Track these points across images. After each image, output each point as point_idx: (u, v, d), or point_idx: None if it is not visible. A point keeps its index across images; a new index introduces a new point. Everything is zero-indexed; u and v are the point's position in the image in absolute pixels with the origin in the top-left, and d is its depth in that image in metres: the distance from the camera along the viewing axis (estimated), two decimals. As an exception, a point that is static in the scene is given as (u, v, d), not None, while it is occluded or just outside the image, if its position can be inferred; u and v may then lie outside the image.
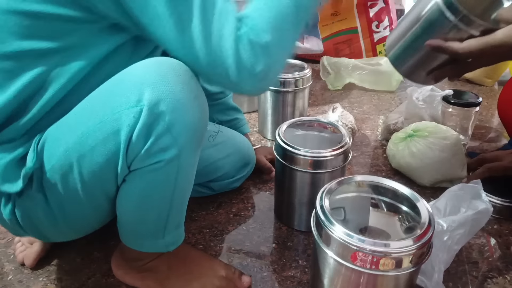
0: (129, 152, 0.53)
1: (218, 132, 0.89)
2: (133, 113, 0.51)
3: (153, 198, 0.58)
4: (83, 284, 0.71)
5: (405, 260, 0.51)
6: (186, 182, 0.60)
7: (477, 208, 0.72)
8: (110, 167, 0.54)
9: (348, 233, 0.51)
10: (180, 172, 0.56)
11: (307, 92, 1.13)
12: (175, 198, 0.59)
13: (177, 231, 0.64)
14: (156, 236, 0.62)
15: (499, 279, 0.72)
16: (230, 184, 0.91)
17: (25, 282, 0.71)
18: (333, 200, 0.58)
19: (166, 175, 0.56)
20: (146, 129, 0.51)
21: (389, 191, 0.60)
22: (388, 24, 1.62)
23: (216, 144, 0.87)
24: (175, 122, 0.52)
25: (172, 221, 0.61)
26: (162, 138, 0.52)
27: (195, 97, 0.54)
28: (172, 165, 0.55)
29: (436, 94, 1.08)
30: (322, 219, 0.54)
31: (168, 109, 0.51)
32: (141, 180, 0.56)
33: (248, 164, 0.93)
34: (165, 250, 0.63)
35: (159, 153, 0.53)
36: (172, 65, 0.53)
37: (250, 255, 0.77)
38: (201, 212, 0.88)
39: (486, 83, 1.52)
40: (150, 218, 0.60)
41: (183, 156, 0.55)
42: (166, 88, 0.51)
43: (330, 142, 0.78)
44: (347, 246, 0.51)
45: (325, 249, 0.54)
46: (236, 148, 0.90)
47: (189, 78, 0.54)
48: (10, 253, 0.77)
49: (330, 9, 1.60)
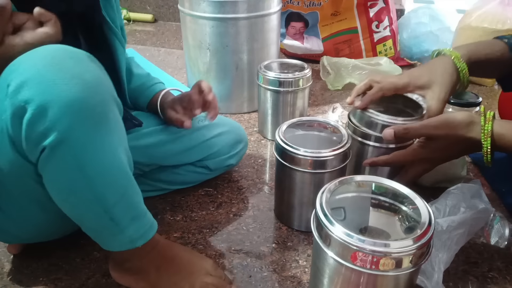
0: (17, 147, 0.52)
1: (206, 116, 0.91)
2: (4, 107, 0.50)
3: (70, 190, 0.55)
4: (83, 284, 0.71)
5: (405, 260, 0.50)
6: (101, 168, 0.54)
7: (477, 207, 0.72)
8: (16, 165, 0.55)
9: (348, 233, 0.51)
10: (79, 157, 0.52)
11: (307, 92, 1.13)
12: (97, 188, 0.55)
13: (138, 223, 0.60)
14: (113, 232, 0.59)
15: (499, 279, 0.72)
16: (225, 161, 0.93)
17: (25, 282, 0.71)
18: (333, 200, 0.58)
19: (61, 161, 0.52)
20: (16, 120, 0.50)
21: (389, 191, 0.60)
22: (388, 24, 1.62)
23: (207, 124, 0.92)
24: (46, 105, 0.48)
25: (120, 215, 0.58)
26: (35, 125, 0.49)
27: (72, 76, 0.50)
28: (61, 150, 0.51)
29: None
30: (322, 219, 0.54)
31: (34, 93, 0.48)
32: (46, 172, 0.54)
33: (241, 142, 0.96)
34: (133, 245, 0.61)
35: (38, 141, 0.50)
36: (48, 50, 0.52)
37: (250, 255, 0.77)
38: (201, 212, 0.88)
39: (486, 83, 1.52)
40: (86, 213, 0.58)
41: (72, 138, 0.51)
42: (31, 72, 0.49)
43: (330, 142, 0.78)
44: (347, 246, 0.51)
45: (325, 249, 0.54)
46: (227, 128, 0.95)
47: (66, 60, 0.51)
48: (10, 253, 0.77)
49: (330, 9, 1.60)
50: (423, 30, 1.67)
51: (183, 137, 0.88)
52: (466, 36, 1.48)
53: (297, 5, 1.64)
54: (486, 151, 0.65)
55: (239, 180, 0.99)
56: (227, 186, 0.97)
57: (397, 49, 1.66)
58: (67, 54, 0.52)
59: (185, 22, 1.26)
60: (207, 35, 1.21)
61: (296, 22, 1.68)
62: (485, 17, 1.42)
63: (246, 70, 1.26)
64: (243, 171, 1.02)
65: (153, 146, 0.85)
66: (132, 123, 0.85)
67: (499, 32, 1.39)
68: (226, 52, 1.23)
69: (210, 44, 1.22)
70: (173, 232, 0.83)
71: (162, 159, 0.87)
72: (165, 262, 0.66)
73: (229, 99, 1.31)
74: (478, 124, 0.65)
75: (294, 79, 1.07)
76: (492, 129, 0.64)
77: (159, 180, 0.91)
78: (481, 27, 1.42)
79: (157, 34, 2.21)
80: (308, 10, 1.63)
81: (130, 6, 2.44)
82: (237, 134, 0.96)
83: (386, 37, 1.63)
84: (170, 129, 0.88)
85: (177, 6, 1.29)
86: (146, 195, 0.92)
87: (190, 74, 1.36)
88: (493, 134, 0.64)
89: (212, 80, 1.29)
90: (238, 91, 1.30)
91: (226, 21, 1.18)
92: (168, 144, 0.86)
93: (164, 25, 2.37)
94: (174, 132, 0.88)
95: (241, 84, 1.29)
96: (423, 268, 0.64)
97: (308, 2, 1.61)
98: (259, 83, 1.11)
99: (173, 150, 0.87)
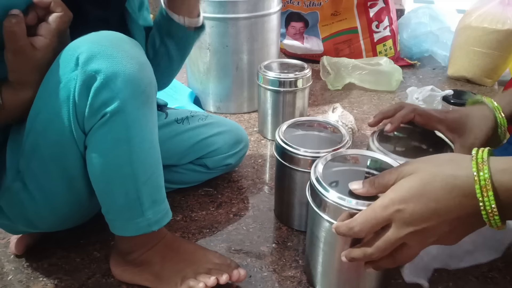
0: (78, 114, 0.57)
1: (208, 116, 0.95)
2: (73, 76, 0.55)
3: (113, 160, 0.59)
4: (83, 284, 0.71)
5: None
6: (143, 144, 0.60)
7: None
8: (67, 135, 0.58)
9: (341, 197, 0.55)
10: (130, 128, 0.58)
11: (307, 92, 1.13)
12: (135, 163, 0.59)
13: (157, 208, 0.64)
14: (134, 214, 0.62)
15: (499, 279, 0.72)
16: (223, 160, 0.93)
17: (25, 282, 0.71)
18: (326, 172, 0.62)
19: (115, 130, 0.57)
20: (85, 87, 0.55)
21: (383, 163, 0.64)
22: (388, 24, 1.62)
23: (207, 123, 0.93)
24: (112, 77, 0.55)
25: (145, 194, 0.61)
26: (101, 93, 0.55)
27: (132, 57, 0.57)
28: (118, 118, 0.57)
29: (436, 94, 1.08)
30: (317, 186, 0.59)
31: (102, 65, 0.55)
32: (96, 140, 0.58)
33: (241, 142, 0.96)
34: (149, 229, 0.63)
35: (101, 107, 0.56)
36: (107, 34, 0.58)
37: (250, 255, 0.77)
38: (201, 212, 0.88)
39: (486, 83, 1.52)
40: (118, 188, 0.61)
41: (128, 109, 0.57)
42: (99, 49, 0.55)
43: (330, 142, 0.78)
44: (341, 208, 0.55)
45: (321, 214, 0.59)
46: (227, 127, 0.95)
47: (124, 43, 0.58)
48: (10, 253, 0.77)
49: (330, 9, 1.60)
50: (423, 30, 1.67)
51: (182, 135, 0.89)
52: (466, 36, 1.48)
53: (297, 5, 1.64)
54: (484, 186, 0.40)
55: (239, 180, 0.99)
56: (227, 186, 0.97)
57: (397, 49, 1.66)
58: (124, 39, 0.59)
59: (185, 22, 1.26)
60: (207, 35, 1.21)
61: (296, 22, 1.68)
62: (485, 17, 1.42)
63: (246, 70, 1.26)
64: (243, 171, 1.02)
65: None
66: None
67: (499, 32, 1.39)
68: (226, 52, 1.23)
69: (210, 44, 1.22)
70: (173, 232, 0.82)
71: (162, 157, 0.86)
72: (170, 252, 0.68)
73: (229, 99, 1.31)
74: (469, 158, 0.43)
75: (294, 79, 1.07)
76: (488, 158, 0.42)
77: None
78: (481, 27, 1.43)
79: (157, 34, 2.21)
80: (308, 10, 1.63)
81: (130, 6, 2.43)
82: (237, 134, 0.96)
83: (386, 37, 1.63)
84: (170, 127, 0.88)
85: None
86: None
87: (190, 74, 1.36)
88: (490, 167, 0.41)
89: (212, 80, 1.29)
90: (238, 91, 1.30)
91: (226, 21, 1.18)
92: (168, 141, 0.87)
93: (164, 25, 2.37)
94: (174, 130, 0.88)
95: (241, 84, 1.29)
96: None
97: (308, 2, 1.61)
98: (259, 83, 1.11)
99: (173, 148, 0.87)
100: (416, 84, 1.54)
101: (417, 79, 1.59)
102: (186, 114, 0.92)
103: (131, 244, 0.66)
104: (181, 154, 0.89)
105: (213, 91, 1.31)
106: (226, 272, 0.65)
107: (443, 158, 0.45)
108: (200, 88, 1.34)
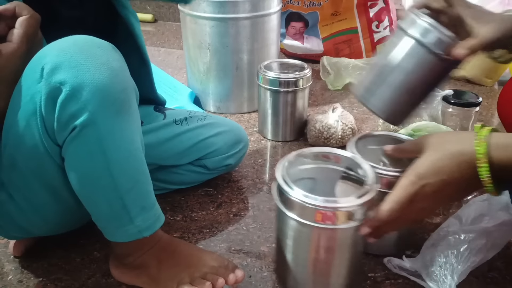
0: (47, 128, 0.55)
1: (207, 116, 0.95)
2: (39, 89, 0.53)
3: (90, 173, 0.57)
4: (83, 284, 0.71)
5: (354, 214, 0.58)
6: (120, 154, 0.58)
7: (500, 219, 0.70)
8: (41, 149, 0.57)
9: (305, 195, 0.58)
10: (103, 140, 0.56)
11: (307, 92, 1.13)
12: (115, 173, 0.57)
13: (146, 214, 0.62)
14: (123, 222, 0.61)
15: (499, 279, 0.72)
16: (223, 160, 0.92)
17: (25, 282, 0.71)
18: (291, 171, 0.63)
19: (87, 143, 0.55)
20: (51, 100, 0.53)
21: (344, 159, 0.67)
22: (388, 24, 1.62)
23: (206, 124, 0.92)
24: (79, 87, 0.52)
25: (131, 203, 0.60)
26: (68, 105, 0.53)
27: (102, 63, 0.54)
28: (89, 131, 0.54)
29: (436, 94, 1.08)
30: (283, 186, 0.60)
31: (67, 76, 0.52)
32: (70, 154, 0.56)
33: (241, 142, 0.95)
34: (140, 236, 0.62)
35: (70, 120, 0.54)
36: (74, 40, 0.55)
37: (250, 255, 0.77)
38: (201, 212, 0.88)
39: (486, 83, 1.52)
40: (101, 199, 0.59)
41: (99, 120, 0.54)
42: (65, 58, 0.53)
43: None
44: (305, 206, 0.58)
45: (286, 212, 0.61)
46: (226, 127, 0.94)
47: (94, 48, 0.55)
48: (10, 253, 0.77)
49: (330, 9, 1.60)
50: (423, 30, 1.67)
51: (181, 136, 0.88)
52: (466, 36, 1.47)
53: (297, 5, 1.64)
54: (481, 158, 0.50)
55: (239, 180, 0.99)
56: (227, 186, 0.97)
57: (397, 49, 1.66)
58: (94, 43, 0.56)
59: (185, 22, 1.26)
60: (207, 35, 1.21)
61: (296, 22, 1.68)
62: (485, 17, 1.42)
63: (246, 70, 1.26)
64: (243, 171, 1.02)
65: (152, 145, 0.85)
66: None
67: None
68: (226, 52, 1.23)
69: (210, 44, 1.22)
70: (173, 232, 0.83)
71: (161, 159, 0.87)
72: (166, 256, 0.67)
73: (229, 99, 1.31)
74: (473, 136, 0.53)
75: (294, 79, 1.07)
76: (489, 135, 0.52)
77: (158, 179, 0.90)
78: (481, 27, 1.42)
79: (157, 34, 2.21)
80: (308, 10, 1.63)
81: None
82: (237, 134, 0.95)
83: (386, 37, 1.63)
84: (168, 128, 0.88)
85: (177, 6, 1.29)
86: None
87: (190, 74, 1.36)
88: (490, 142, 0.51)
89: (212, 80, 1.29)
90: (238, 91, 1.30)
91: (226, 21, 1.18)
92: (167, 143, 0.87)
93: (164, 25, 2.37)
94: (172, 131, 0.88)
95: (241, 84, 1.29)
96: (435, 274, 0.66)
97: (308, 2, 1.61)
98: (259, 83, 1.11)
99: (172, 149, 0.87)
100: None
101: (417, 79, 1.59)
102: (185, 115, 0.92)
103: (126, 248, 0.65)
104: (180, 155, 0.89)
105: (213, 91, 1.31)
106: (222, 275, 0.65)
107: (452, 139, 0.55)
108: (200, 88, 1.34)
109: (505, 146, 0.51)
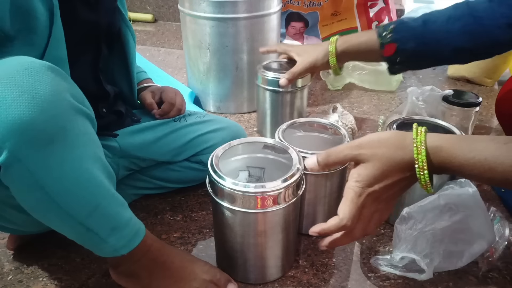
0: None
1: (206, 114, 0.96)
2: None
3: (36, 206, 0.54)
4: (83, 284, 0.71)
5: (280, 197, 0.63)
6: (62, 185, 0.52)
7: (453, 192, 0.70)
8: None
9: (234, 183, 0.62)
10: (35, 175, 0.50)
11: (306, 92, 1.13)
12: (63, 205, 0.53)
13: (119, 234, 0.58)
14: (95, 242, 0.58)
15: (499, 279, 0.72)
16: None
17: (25, 282, 0.71)
18: (223, 162, 0.67)
19: (19, 180, 0.51)
20: None
21: (270, 147, 0.72)
22: (388, 24, 1.62)
23: (204, 120, 0.93)
24: None
25: (96, 226, 0.56)
26: None
27: (23, 92, 0.48)
28: (15, 169, 0.49)
29: (436, 94, 1.08)
30: (214, 177, 0.64)
31: None
32: (10, 189, 0.52)
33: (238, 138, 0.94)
34: (118, 254, 0.59)
35: None
36: (2, 64, 0.50)
37: (250, 255, 0.77)
38: (201, 212, 0.88)
39: (486, 83, 1.52)
40: (60, 225, 0.56)
41: (23, 158, 0.49)
42: None
43: (330, 143, 0.77)
44: (234, 193, 0.62)
45: (219, 201, 0.64)
46: (224, 125, 0.94)
47: (20, 72, 0.49)
48: (10, 253, 0.77)
49: (330, 9, 1.60)
50: (423, 30, 1.67)
51: (178, 131, 0.89)
52: (466, 36, 1.47)
53: (297, 5, 1.64)
54: (421, 167, 0.53)
55: (239, 180, 0.99)
56: (227, 186, 0.97)
57: (397, 49, 1.66)
58: (22, 66, 0.50)
59: (185, 22, 1.26)
60: (207, 35, 1.21)
61: (296, 22, 1.68)
62: (485, 17, 1.42)
63: (246, 70, 1.26)
64: (243, 171, 1.02)
65: (149, 141, 0.85)
66: (131, 119, 0.86)
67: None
68: (226, 52, 1.23)
69: (210, 44, 1.22)
70: (173, 232, 0.83)
71: (158, 154, 0.87)
72: (156, 267, 0.65)
73: (229, 99, 1.31)
74: (411, 142, 0.54)
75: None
76: (426, 140, 0.53)
77: (155, 177, 0.90)
78: (481, 27, 1.42)
79: (157, 34, 2.22)
80: (308, 10, 1.63)
81: (130, 6, 2.44)
82: (234, 131, 0.95)
83: (386, 37, 1.63)
84: (166, 124, 0.88)
85: (177, 6, 1.29)
86: (144, 193, 0.92)
87: (190, 74, 1.36)
88: (428, 147, 0.53)
89: (212, 80, 1.29)
90: (238, 91, 1.30)
91: (226, 21, 1.18)
92: (164, 138, 0.87)
93: (164, 25, 2.37)
94: (170, 127, 0.88)
95: (241, 84, 1.29)
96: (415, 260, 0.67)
97: (308, 2, 1.61)
98: (257, 83, 1.11)
99: (169, 144, 0.87)
100: (416, 84, 1.54)
101: (417, 79, 1.59)
102: (184, 113, 0.93)
103: (115, 259, 0.62)
104: (177, 150, 0.88)
105: (213, 91, 1.31)
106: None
107: (392, 144, 0.56)
108: (200, 88, 1.34)
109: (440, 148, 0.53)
